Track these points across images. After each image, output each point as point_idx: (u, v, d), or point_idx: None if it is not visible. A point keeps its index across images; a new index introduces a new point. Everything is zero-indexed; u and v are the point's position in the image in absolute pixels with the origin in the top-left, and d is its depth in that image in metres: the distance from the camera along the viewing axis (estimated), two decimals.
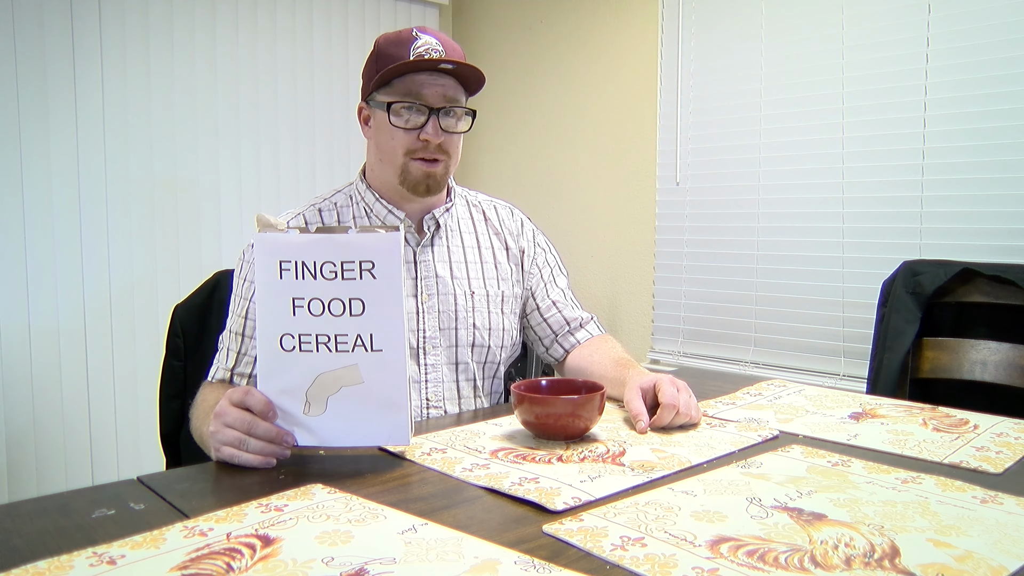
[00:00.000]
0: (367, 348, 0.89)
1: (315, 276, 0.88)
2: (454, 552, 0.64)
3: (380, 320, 0.88)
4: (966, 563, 0.62)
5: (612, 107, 2.73)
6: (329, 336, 0.88)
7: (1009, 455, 0.93)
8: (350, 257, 0.88)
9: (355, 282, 0.88)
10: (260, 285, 0.89)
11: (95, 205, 2.40)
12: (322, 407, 0.89)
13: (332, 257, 0.88)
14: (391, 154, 1.17)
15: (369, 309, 0.88)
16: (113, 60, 2.42)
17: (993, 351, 1.54)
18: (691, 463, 0.89)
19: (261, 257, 0.88)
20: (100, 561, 0.62)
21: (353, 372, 0.89)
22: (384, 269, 0.88)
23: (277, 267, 0.88)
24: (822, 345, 2.18)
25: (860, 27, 2.06)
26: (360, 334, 0.89)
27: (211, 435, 0.90)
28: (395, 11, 3.13)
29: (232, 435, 0.88)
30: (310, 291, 0.88)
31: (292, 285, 0.88)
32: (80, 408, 2.41)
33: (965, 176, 1.89)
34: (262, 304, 0.89)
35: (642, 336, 2.66)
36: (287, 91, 2.83)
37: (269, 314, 0.89)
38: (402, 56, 1.12)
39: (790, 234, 2.24)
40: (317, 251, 0.88)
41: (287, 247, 0.88)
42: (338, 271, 0.88)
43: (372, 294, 0.88)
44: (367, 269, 0.88)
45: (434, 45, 1.13)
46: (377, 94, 1.16)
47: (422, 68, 1.12)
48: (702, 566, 0.62)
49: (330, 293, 0.88)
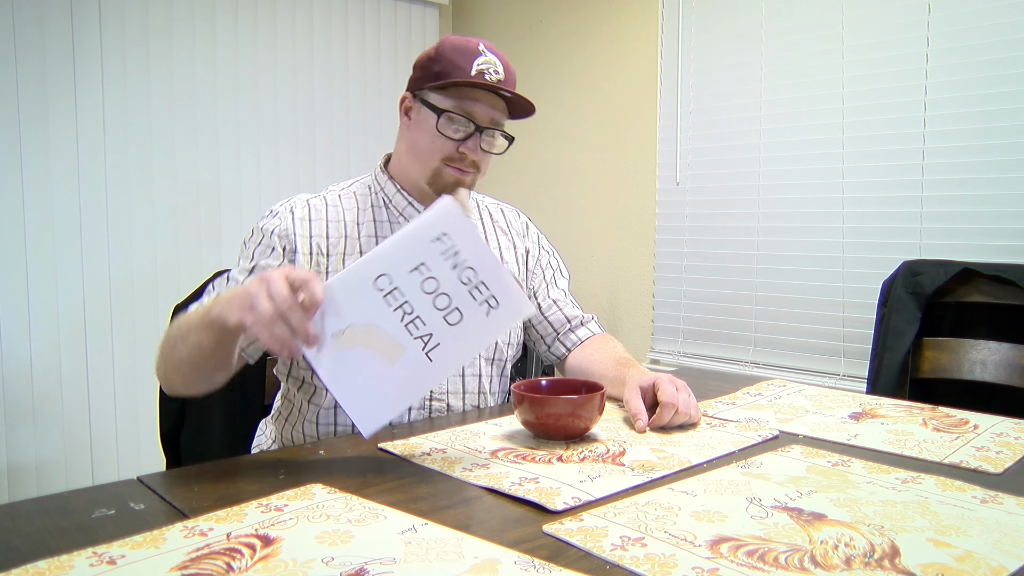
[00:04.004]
0: (423, 348, 0.89)
1: (454, 267, 0.89)
2: (454, 552, 0.64)
3: (455, 349, 0.90)
4: (966, 563, 0.62)
5: (612, 107, 2.73)
6: (415, 314, 0.88)
7: (1009, 455, 0.93)
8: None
9: (477, 317, 0.90)
10: (412, 228, 0.89)
11: (95, 205, 2.41)
12: (344, 348, 0.87)
13: (487, 279, 0.90)
14: (427, 155, 1.17)
15: (460, 332, 0.89)
16: (113, 60, 2.42)
17: (993, 351, 1.54)
18: (691, 463, 0.89)
19: (436, 213, 0.89)
20: (100, 561, 0.62)
21: (394, 350, 0.88)
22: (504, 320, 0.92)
23: (436, 232, 0.88)
24: (822, 345, 2.18)
25: (860, 27, 2.06)
26: (433, 335, 0.89)
27: (245, 293, 0.84)
28: (395, 11, 3.13)
29: (266, 307, 0.82)
30: (440, 271, 0.88)
31: (432, 255, 0.88)
32: (80, 408, 2.41)
33: (965, 176, 1.89)
34: (398, 241, 0.89)
35: (642, 336, 2.66)
36: (287, 91, 2.83)
37: (395, 251, 0.88)
38: (464, 67, 1.13)
39: (790, 234, 2.24)
40: (478, 261, 0.89)
41: (457, 227, 0.89)
42: (477, 297, 0.90)
43: (474, 335, 0.90)
44: (492, 309, 0.91)
45: (495, 66, 1.15)
46: (430, 93, 1.16)
47: (484, 87, 1.14)
48: (702, 566, 0.62)
49: (450, 289, 0.89)
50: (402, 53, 3.15)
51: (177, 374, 1.03)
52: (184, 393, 1.07)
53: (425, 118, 1.16)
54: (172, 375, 1.04)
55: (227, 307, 0.87)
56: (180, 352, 0.99)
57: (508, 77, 1.17)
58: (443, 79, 1.13)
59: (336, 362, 0.87)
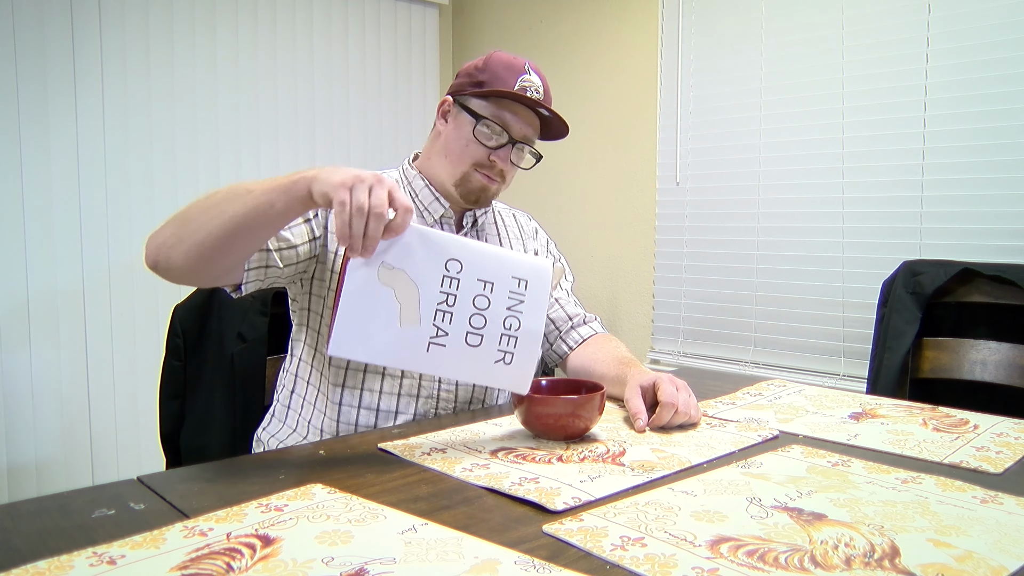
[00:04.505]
0: (432, 336, 0.91)
1: (508, 308, 0.94)
2: (454, 552, 0.64)
3: (451, 361, 0.93)
4: (966, 563, 0.62)
5: (612, 107, 2.73)
6: (451, 310, 0.91)
7: (1009, 455, 0.93)
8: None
9: (488, 357, 0.94)
10: (510, 255, 1.03)
11: (95, 205, 2.41)
12: (381, 280, 0.89)
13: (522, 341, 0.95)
14: (459, 158, 1.21)
15: (466, 354, 0.93)
16: (113, 60, 2.42)
17: (993, 351, 1.54)
18: (691, 463, 0.89)
19: (535, 263, 0.98)
20: (100, 561, 0.62)
21: (412, 317, 0.90)
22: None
23: (522, 275, 0.95)
24: (822, 345, 2.18)
25: (860, 27, 2.06)
26: (448, 336, 0.91)
27: (354, 174, 0.86)
28: (395, 11, 3.13)
29: (363, 198, 0.84)
30: (498, 302, 0.94)
31: (503, 285, 0.94)
32: (80, 408, 2.41)
33: (965, 176, 1.89)
34: (492, 252, 0.96)
35: (642, 336, 2.66)
36: (287, 90, 2.83)
37: (483, 256, 0.94)
38: (508, 80, 1.18)
39: (790, 234, 2.24)
40: (529, 322, 0.96)
41: (538, 286, 0.96)
42: (502, 344, 0.94)
43: (472, 367, 0.94)
44: (504, 364, 0.95)
45: (537, 86, 1.21)
46: (471, 99, 1.20)
47: (524, 102, 1.18)
48: (702, 566, 0.62)
49: (492, 319, 0.93)
50: (402, 53, 3.15)
51: (199, 235, 0.95)
52: (181, 265, 0.98)
53: (463, 123, 1.20)
54: (191, 236, 0.96)
55: (328, 174, 0.88)
56: (223, 211, 0.94)
57: (547, 98, 1.23)
58: (487, 88, 1.18)
59: (365, 283, 0.89)
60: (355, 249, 0.86)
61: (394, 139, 3.12)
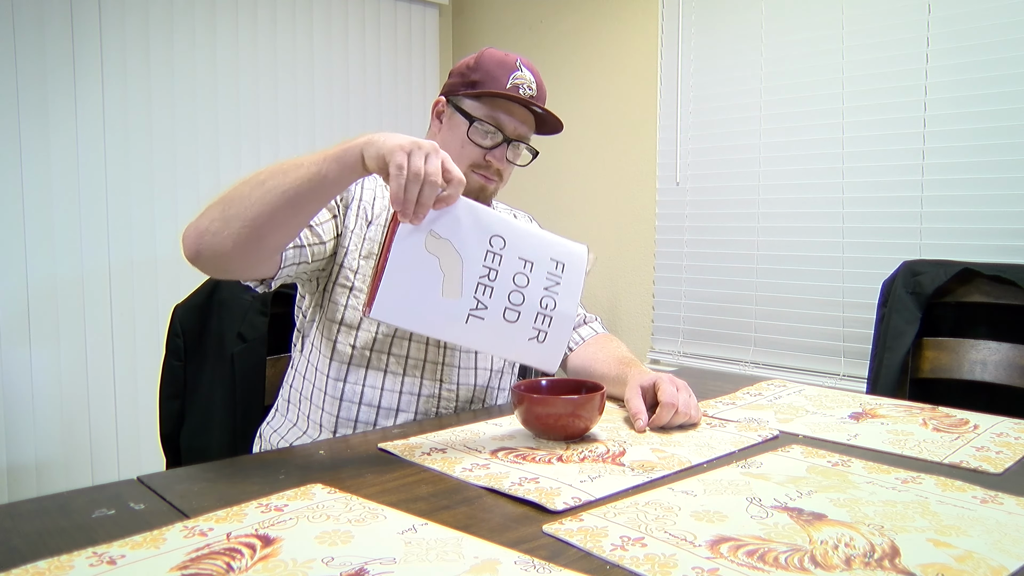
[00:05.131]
0: (472, 308, 0.92)
1: (546, 289, 0.97)
2: (454, 552, 0.64)
3: (487, 334, 0.94)
4: (966, 563, 0.62)
5: (612, 107, 2.73)
6: (492, 284, 0.93)
7: (1009, 455, 0.93)
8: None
9: (523, 334, 0.96)
10: (551, 238, 1.02)
11: (95, 204, 2.41)
12: (428, 249, 0.90)
13: (556, 321, 0.98)
14: (456, 160, 1.20)
15: (502, 329, 0.95)
16: (113, 60, 2.42)
17: (993, 351, 1.54)
18: (691, 463, 0.89)
19: (573, 247, 1.02)
20: (100, 561, 0.62)
21: (455, 288, 0.91)
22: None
23: (561, 259, 1.00)
24: (822, 345, 2.18)
25: (860, 27, 2.06)
26: (487, 310, 0.93)
27: (411, 140, 0.86)
28: (395, 11, 3.13)
29: (420, 165, 0.84)
30: (536, 281, 0.97)
31: (542, 265, 0.97)
32: (80, 408, 2.41)
33: (965, 176, 1.89)
34: (534, 234, 0.99)
35: (642, 336, 2.66)
36: (287, 90, 2.83)
37: (526, 236, 0.97)
38: (500, 79, 1.17)
39: (790, 234, 2.24)
40: (565, 304, 0.99)
41: (574, 270, 1.00)
42: (538, 323, 0.97)
43: (506, 342, 0.96)
44: (537, 341, 0.98)
45: (530, 82, 1.20)
46: (464, 100, 1.20)
47: (517, 101, 1.18)
48: (702, 566, 0.62)
49: (530, 297, 0.96)
50: (402, 53, 3.15)
51: (251, 212, 0.92)
52: (230, 249, 0.94)
53: (457, 124, 1.20)
54: (241, 215, 0.93)
55: (384, 139, 0.87)
56: (275, 185, 0.92)
57: (540, 94, 1.22)
58: (479, 88, 1.18)
59: (412, 249, 0.90)
60: (407, 215, 0.86)
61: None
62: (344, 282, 1.17)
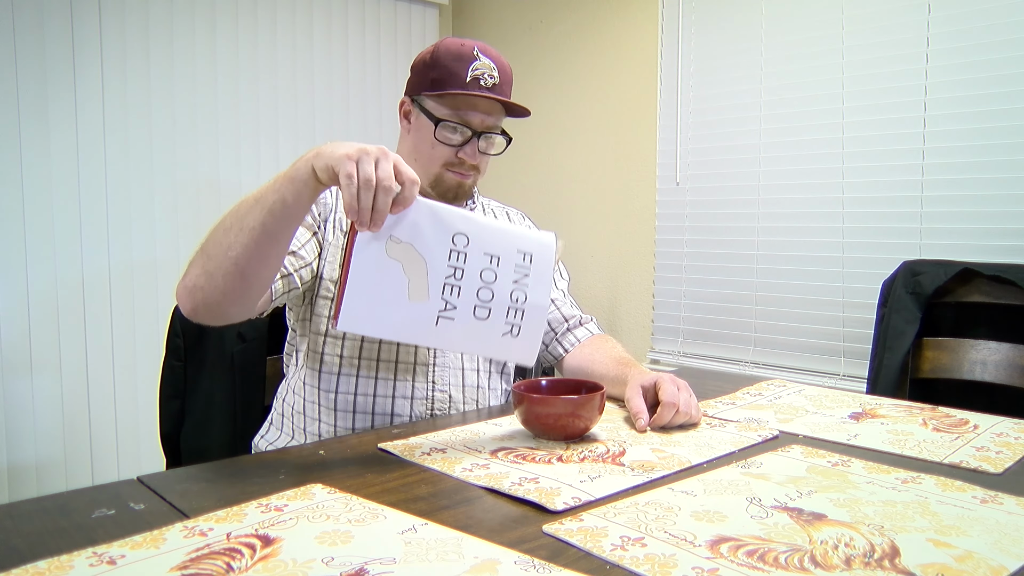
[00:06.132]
0: (441, 310, 0.91)
1: (515, 282, 0.95)
2: (454, 552, 0.64)
3: (459, 334, 0.92)
4: (966, 563, 0.62)
5: (612, 107, 2.73)
6: (459, 284, 0.91)
7: (1009, 455, 0.93)
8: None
9: (496, 330, 0.94)
10: (515, 230, 1.01)
11: (95, 203, 2.41)
12: (389, 255, 0.89)
13: (528, 314, 0.96)
14: (428, 161, 1.20)
15: (474, 327, 0.93)
16: (113, 59, 2.42)
17: (993, 351, 1.54)
18: (691, 463, 0.89)
19: (539, 237, 0.98)
20: (100, 561, 0.62)
21: (421, 292, 0.90)
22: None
23: (528, 250, 0.96)
24: (822, 345, 2.18)
25: (860, 27, 2.06)
26: (456, 310, 0.91)
27: (358, 148, 0.84)
28: (395, 11, 3.13)
29: (370, 171, 0.82)
30: (504, 276, 0.94)
31: (509, 258, 0.95)
32: (80, 408, 2.41)
33: (965, 176, 1.89)
34: (497, 227, 0.97)
35: (642, 336, 2.66)
36: (287, 90, 2.83)
37: (488, 231, 0.94)
38: (458, 72, 1.14)
39: (790, 234, 2.24)
40: (536, 296, 0.96)
41: (543, 260, 0.97)
42: (510, 317, 0.95)
43: (480, 340, 0.94)
44: (511, 336, 0.95)
45: (490, 70, 1.16)
46: (427, 100, 1.18)
47: (477, 95, 1.15)
48: (702, 566, 0.62)
49: (499, 292, 0.94)
50: (402, 53, 3.15)
51: (228, 260, 0.93)
52: (220, 298, 0.96)
53: (423, 125, 1.18)
54: (220, 265, 0.94)
55: (331, 149, 0.85)
56: (242, 226, 0.92)
57: (504, 79, 1.18)
58: (439, 87, 1.15)
59: (373, 257, 0.88)
60: (363, 223, 0.84)
61: (394, 139, 3.11)
62: (325, 294, 1.16)
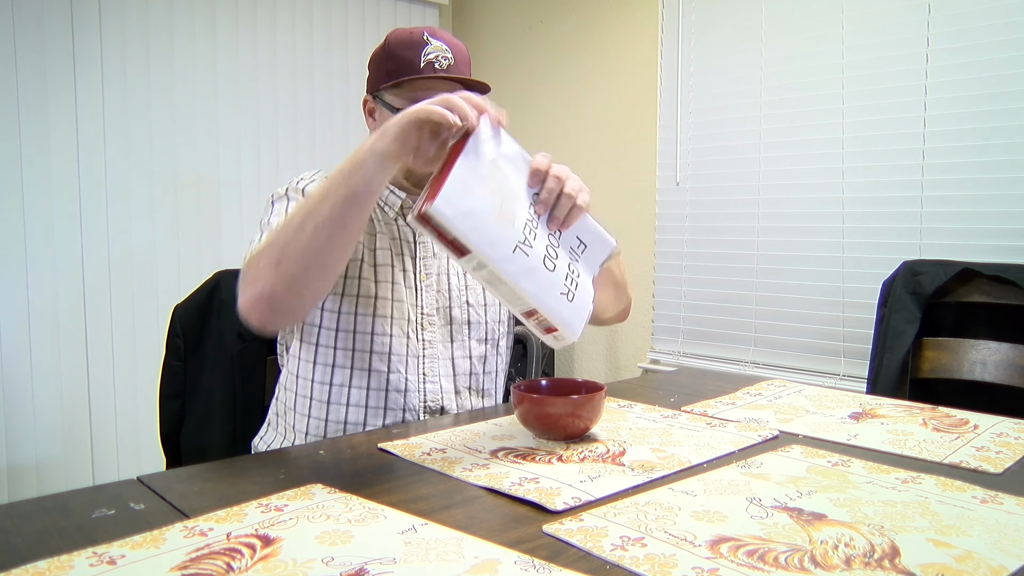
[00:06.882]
0: (520, 242, 0.90)
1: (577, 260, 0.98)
2: (454, 552, 0.64)
3: (526, 274, 0.90)
4: (966, 563, 0.62)
5: (612, 107, 2.73)
6: (534, 230, 0.92)
7: (1009, 455, 0.93)
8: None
9: (555, 290, 0.94)
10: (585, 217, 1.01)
11: (95, 205, 2.41)
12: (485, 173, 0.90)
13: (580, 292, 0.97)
14: None
15: (540, 276, 0.92)
16: (113, 59, 2.42)
17: (993, 351, 1.54)
18: (691, 463, 0.89)
19: (604, 234, 1.04)
20: (100, 561, 0.62)
21: (506, 217, 0.89)
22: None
23: (585, 240, 1.01)
24: (822, 345, 2.18)
25: (860, 27, 2.06)
26: (531, 249, 0.91)
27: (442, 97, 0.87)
28: (395, 11, 3.13)
29: (460, 101, 0.87)
30: (564, 248, 0.98)
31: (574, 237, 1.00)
32: (80, 408, 2.41)
33: (965, 176, 1.89)
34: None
35: (642, 336, 2.66)
36: (287, 89, 2.83)
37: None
38: (412, 59, 1.15)
39: (790, 234, 2.24)
40: (585, 280, 1.00)
41: (599, 247, 1.04)
42: (568, 286, 0.95)
43: (537, 290, 0.92)
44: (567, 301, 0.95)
45: (444, 52, 1.16)
46: (386, 93, 1.18)
47: (432, 78, 1.15)
48: (702, 566, 0.62)
49: (562, 256, 0.95)
50: None
51: (305, 261, 0.92)
52: (308, 298, 0.97)
53: (387, 118, 1.16)
54: (298, 268, 0.92)
55: (397, 118, 0.88)
56: (316, 219, 0.91)
57: (459, 58, 1.18)
58: (394, 77, 1.15)
59: (479, 162, 0.89)
60: (469, 119, 0.87)
61: None
62: None
